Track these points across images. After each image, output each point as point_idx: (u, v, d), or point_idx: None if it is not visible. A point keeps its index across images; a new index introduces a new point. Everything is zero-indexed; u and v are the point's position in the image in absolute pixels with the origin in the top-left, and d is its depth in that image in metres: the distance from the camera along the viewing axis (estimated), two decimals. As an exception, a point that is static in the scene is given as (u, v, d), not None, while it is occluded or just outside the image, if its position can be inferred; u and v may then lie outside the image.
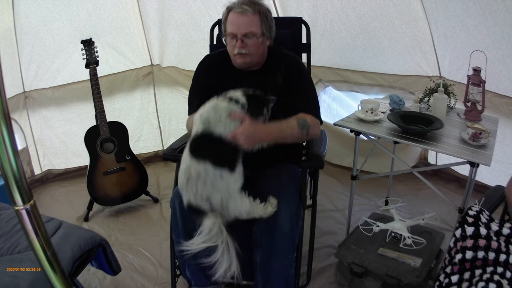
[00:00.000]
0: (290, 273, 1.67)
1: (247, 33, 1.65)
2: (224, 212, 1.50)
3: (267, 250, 1.64)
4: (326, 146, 2.01)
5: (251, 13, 1.66)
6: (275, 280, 1.64)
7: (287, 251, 1.63)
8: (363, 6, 2.69)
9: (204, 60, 1.91)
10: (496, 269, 1.28)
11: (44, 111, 2.97)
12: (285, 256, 1.63)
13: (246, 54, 1.68)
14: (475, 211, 1.41)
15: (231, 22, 1.67)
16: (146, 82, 3.28)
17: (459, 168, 2.78)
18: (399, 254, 1.90)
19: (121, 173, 2.64)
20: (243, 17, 1.65)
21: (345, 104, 3.28)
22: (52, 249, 0.91)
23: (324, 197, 2.82)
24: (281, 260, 1.63)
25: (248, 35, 1.66)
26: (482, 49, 2.05)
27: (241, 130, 1.48)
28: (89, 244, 1.56)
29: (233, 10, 1.67)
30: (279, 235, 1.61)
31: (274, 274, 1.64)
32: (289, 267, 1.66)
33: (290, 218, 1.62)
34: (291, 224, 1.62)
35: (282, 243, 1.62)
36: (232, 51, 1.70)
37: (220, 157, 1.46)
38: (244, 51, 1.67)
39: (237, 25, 1.65)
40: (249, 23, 1.65)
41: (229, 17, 1.69)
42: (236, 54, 1.68)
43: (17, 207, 0.85)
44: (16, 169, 0.82)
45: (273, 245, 1.62)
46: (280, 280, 1.65)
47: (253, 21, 1.66)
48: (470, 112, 2.10)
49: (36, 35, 2.75)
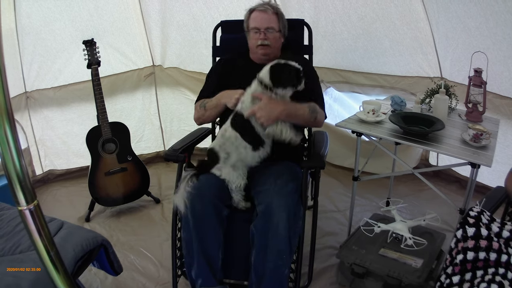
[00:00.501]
0: (284, 274, 1.67)
1: (269, 27, 1.94)
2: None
3: (261, 249, 1.66)
4: (327, 146, 2.01)
5: (271, 12, 1.97)
6: (268, 280, 1.65)
7: (282, 251, 1.64)
8: (365, 8, 2.70)
9: (221, 59, 2.16)
10: (497, 270, 1.28)
11: (46, 112, 2.97)
12: (279, 257, 1.63)
13: (267, 46, 1.94)
14: (476, 212, 1.41)
15: (254, 19, 1.97)
16: (148, 83, 3.28)
17: (460, 169, 2.78)
18: (400, 255, 1.90)
19: (123, 174, 2.64)
20: (265, 14, 1.96)
21: (346, 105, 3.28)
22: (55, 249, 0.91)
23: (326, 198, 2.82)
24: (275, 260, 1.63)
25: (269, 29, 1.94)
26: (483, 50, 2.05)
27: (258, 106, 1.70)
28: (91, 245, 1.56)
29: (256, 9, 1.98)
30: (275, 235, 1.62)
31: (267, 274, 1.64)
32: (283, 268, 1.65)
33: (288, 219, 1.63)
34: (288, 224, 1.63)
35: (277, 243, 1.63)
36: (255, 43, 1.96)
37: (246, 133, 1.76)
38: (267, 42, 1.94)
39: (260, 21, 1.95)
40: (270, 20, 1.95)
41: (252, 15, 1.98)
42: (259, 45, 1.94)
43: (21, 207, 0.85)
44: (19, 169, 0.82)
45: (268, 245, 1.64)
46: (273, 280, 1.65)
47: (272, 19, 1.96)
48: (471, 113, 2.10)
49: (38, 35, 2.75)
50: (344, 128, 2.03)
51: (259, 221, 1.68)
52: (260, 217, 1.68)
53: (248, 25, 1.99)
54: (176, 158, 1.88)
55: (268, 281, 1.65)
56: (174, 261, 1.86)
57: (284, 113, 1.72)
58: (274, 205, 1.65)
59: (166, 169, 3.32)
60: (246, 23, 2.01)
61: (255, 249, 1.69)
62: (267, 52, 1.96)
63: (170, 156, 1.89)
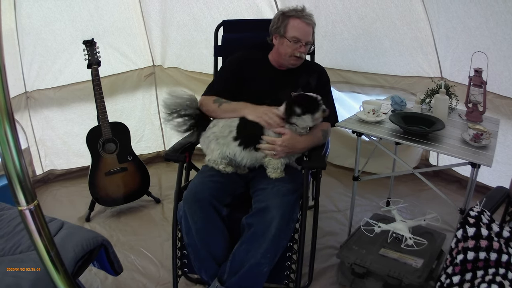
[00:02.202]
0: (263, 272, 1.66)
1: (309, 41, 1.95)
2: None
3: (247, 242, 1.66)
4: (328, 147, 2.02)
5: (313, 25, 1.97)
6: (245, 273, 1.64)
7: (268, 249, 1.63)
8: (365, 8, 2.70)
9: (238, 55, 2.10)
10: (498, 270, 1.28)
11: (46, 112, 2.97)
12: (264, 254, 1.63)
13: (300, 58, 1.95)
14: (476, 212, 1.41)
15: (298, 29, 1.91)
16: (148, 83, 3.28)
17: (460, 169, 2.78)
18: (400, 255, 1.90)
19: (123, 174, 2.64)
20: (309, 28, 1.94)
21: (346, 105, 3.27)
22: (55, 249, 0.91)
23: (326, 198, 2.82)
24: (258, 257, 1.63)
25: (308, 43, 1.95)
26: (483, 50, 2.04)
27: (282, 141, 1.75)
28: (91, 245, 1.56)
29: (301, 18, 1.91)
30: (265, 232, 1.63)
31: (246, 267, 1.63)
32: (264, 266, 1.65)
33: (281, 219, 1.64)
34: (280, 224, 1.64)
35: (265, 241, 1.63)
36: (290, 52, 1.93)
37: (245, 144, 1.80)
38: (303, 56, 1.96)
39: (304, 33, 1.92)
40: (311, 33, 1.96)
41: (295, 23, 1.92)
42: (295, 56, 1.93)
43: (21, 207, 0.85)
44: (20, 169, 0.82)
45: (256, 240, 1.64)
46: (250, 275, 1.64)
47: (311, 32, 1.97)
48: (472, 113, 2.10)
49: (38, 35, 2.75)
50: (344, 128, 2.03)
51: (253, 216, 1.70)
52: (255, 213, 1.69)
53: (286, 31, 1.93)
54: (176, 158, 1.88)
55: (245, 274, 1.64)
56: (174, 261, 1.86)
57: (303, 149, 1.84)
58: (270, 204, 1.66)
59: (166, 169, 3.32)
60: (283, 27, 1.94)
61: (241, 240, 1.69)
62: (297, 64, 1.98)
63: (171, 156, 1.88)
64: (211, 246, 1.71)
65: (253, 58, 2.06)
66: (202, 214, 1.70)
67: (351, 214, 2.22)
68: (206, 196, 1.72)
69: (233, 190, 1.84)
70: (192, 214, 1.70)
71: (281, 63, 2.01)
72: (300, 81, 1.96)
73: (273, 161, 1.78)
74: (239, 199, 1.86)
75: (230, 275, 1.66)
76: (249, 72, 2.01)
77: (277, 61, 2.02)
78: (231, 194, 1.82)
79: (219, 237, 1.73)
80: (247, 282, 1.65)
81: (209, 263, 1.72)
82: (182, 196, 1.79)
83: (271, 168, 1.79)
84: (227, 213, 1.77)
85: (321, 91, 1.90)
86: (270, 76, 1.99)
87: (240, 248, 1.68)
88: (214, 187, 1.77)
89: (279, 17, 1.96)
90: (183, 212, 1.73)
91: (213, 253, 1.71)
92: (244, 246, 1.67)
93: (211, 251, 1.71)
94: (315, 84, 1.99)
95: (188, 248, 1.78)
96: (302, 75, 2.00)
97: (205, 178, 1.82)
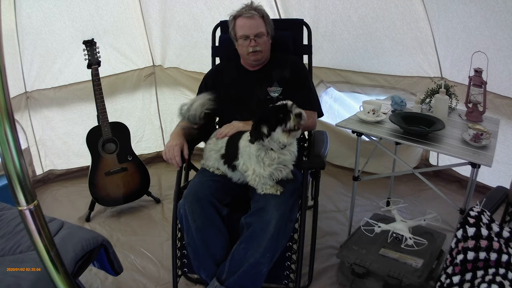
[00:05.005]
0: (262, 272, 1.67)
1: (258, 33, 1.91)
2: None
3: (247, 241, 1.67)
4: (327, 147, 2.01)
5: (258, 17, 1.93)
6: (244, 272, 1.64)
7: (267, 249, 1.64)
8: (365, 8, 2.70)
9: (215, 66, 2.19)
10: (498, 270, 1.28)
11: (46, 112, 2.97)
12: (263, 253, 1.64)
13: (258, 51, 1.92)
14: (476, 212, 1.41)
15: (241, 27, 1.92)
16: (148, 83, 3.29)
17: (460, 169, 2.78)
18: (400, 255, 1.90)
19: (123, 174, 2.64)
20: (252, 20, 1.91)
21: (346, 105, 3.28)
22: (55, 249, 0.91)
23: (326, 198, 2.82)
24: (257, 256, 1.63)
25: (258, 35, 1.91)
26: (483, 50, 2.05)
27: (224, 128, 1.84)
28: (91, 245, 1.56)
29: (242, 15, 1.92)
30: (264, 231, 1.63)
31: (245, 266, 1.64)
32: (263, 265, 1.65)
33: (279, 219, 1.64)
34: (279, 224, 1.64)
35: (264, 240, 1.63)
36: (245, 51, 1.93)
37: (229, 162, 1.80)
38: (258, 48, 1.91)
39: (248, 27, 1.90)
40: (257, 25, 1.92)
41: (238, 22, 1.93)
42: (250, 52, 1.91)
43: (21, 207, 0.85)
44: (19, 169, 0.82)
45: (255, 239, 1.64)
46: (249, 274, 1.65)
47: (260, 23, 1.93)
48: (472, 113, 2.10)
49: (38, 35, 2.75)
50: (344, 128, 2.03)
51: (252, 215, 1.70)
52: (253, 212, 1.70)
53: (235, 33, 1.94)
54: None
55: (244, 273, 1.64)
56: (174, 261, 1.87)
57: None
58: (269, 204, 1.66)
59: (166, 169, 3.32)
60: (232, 30, 1.96)
61: (240, 240, 1.70)
62: (258, 58, 1.95)
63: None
64: (210, 245, 1.72)
65: (227, 66, 2.09)
66: (202, 212, 1.70)
67: (351, 214, 2.22)
68: (206, 195, 1.73)
69: (232, 190, 1.84)
70: (192, 212, 1.71)
71: (248, 63, 2.01)
72: (274, 76, 1.96)
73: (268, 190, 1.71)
74: (238, 199, 1.86)
75: (229, 274, 1.66)
76: (226, 79, 2.04)
77: (245, 62, 2.03)
78: (231, 194, 1.83)
79: (219, 236, 1.73)
80: (246, 281, 1.65)
81: (208, 262, 1.72)
82: (182, 196, 1.80)
83: (259, 185, 1.71)
84: (227, 212, 1.78)
85: (298, 82, 1.95)
86: (245, 78, 2.01)
87: (239, 247, 1.68)
88: (214, 186, 1.79)
89: (230, 21, 1.97)
90: (184, 210, 1.73)
91: (212, 253, 1.72)
92: (243, 246, 1.67)
93: (210, 250, 1.71)
94: (289, 76, 1.96)
95: (187, 247, 1.78)
96: (276, 69, 1.98)
97: (205, 178, 1.84)
